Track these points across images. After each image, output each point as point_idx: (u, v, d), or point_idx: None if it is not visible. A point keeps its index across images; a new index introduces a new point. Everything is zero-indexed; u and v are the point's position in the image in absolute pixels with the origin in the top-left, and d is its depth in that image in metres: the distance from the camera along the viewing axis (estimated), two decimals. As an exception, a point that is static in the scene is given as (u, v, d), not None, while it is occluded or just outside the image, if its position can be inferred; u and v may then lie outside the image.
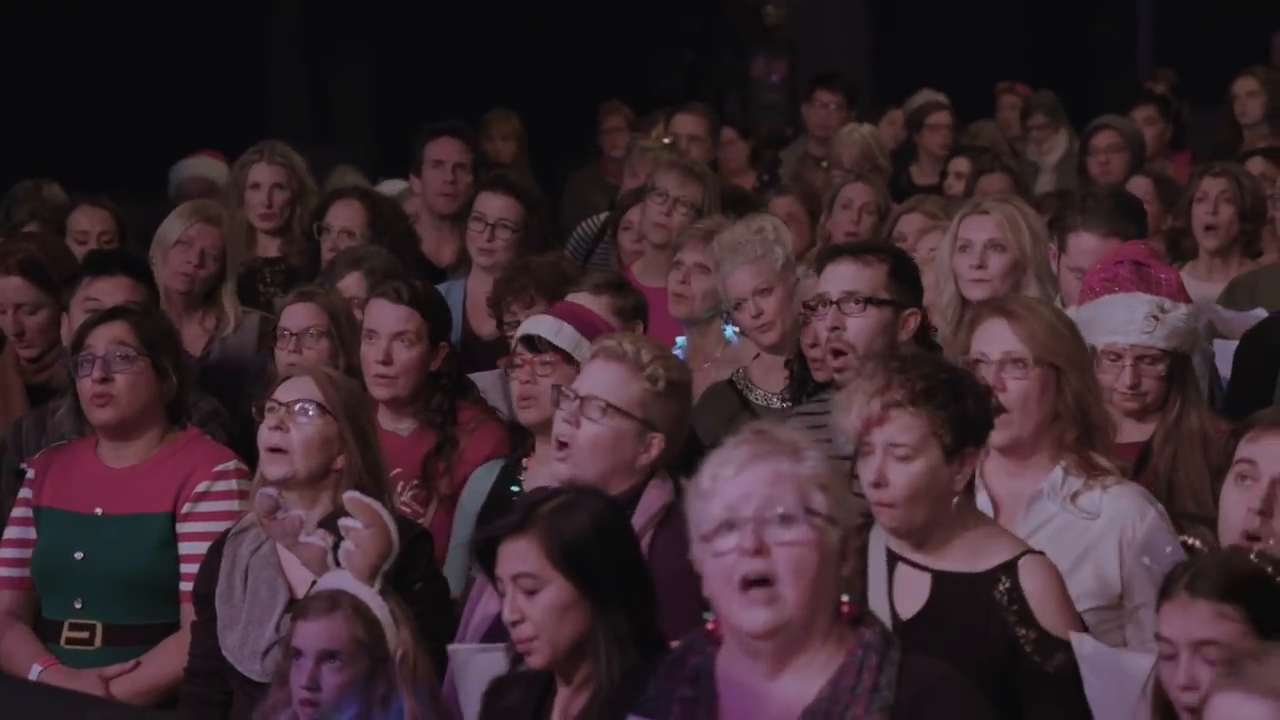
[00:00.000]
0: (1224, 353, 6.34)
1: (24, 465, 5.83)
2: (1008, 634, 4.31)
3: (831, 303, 5.61)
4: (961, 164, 9.84)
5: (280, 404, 5.07)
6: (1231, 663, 3.47)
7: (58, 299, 6.51)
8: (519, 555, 4.15)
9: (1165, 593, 3.89)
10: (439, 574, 5.13)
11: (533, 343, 5.54)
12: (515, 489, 5.44)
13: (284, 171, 8.16)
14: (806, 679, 3.63)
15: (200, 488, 5.53)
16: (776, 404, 6.19)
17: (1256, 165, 8.54)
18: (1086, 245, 6.29)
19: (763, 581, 3.58)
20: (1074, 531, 4.70)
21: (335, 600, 4.53)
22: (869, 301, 5.59)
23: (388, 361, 5.94)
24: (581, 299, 6.06)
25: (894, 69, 14.46)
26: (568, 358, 5.42)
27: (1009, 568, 4.37)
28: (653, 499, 4.84)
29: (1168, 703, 3.88)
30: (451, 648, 4.66)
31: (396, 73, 14.48)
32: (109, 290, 6.06)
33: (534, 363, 5.50)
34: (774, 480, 3.59)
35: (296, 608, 4.60)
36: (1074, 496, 4.71)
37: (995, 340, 4.81)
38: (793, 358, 6.11)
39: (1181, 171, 10.65)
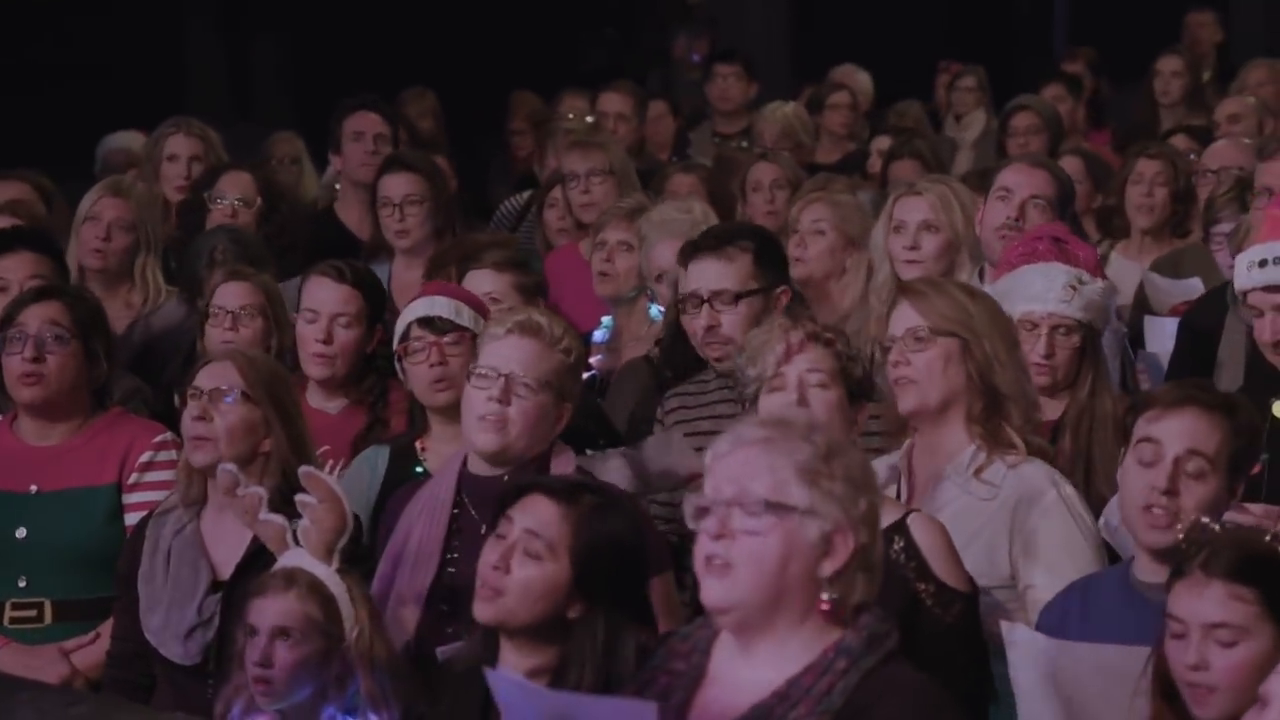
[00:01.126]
0: (1155, 329, 6.39)
1: None
2: (907, 590, 4.38)
3: (703, 301, 5.67)
4: (883, 142, 9.88)
5: (202, 391, 5.03)
6: None
7: None
8: (547, 518, 4.13)
9: (1178, 571, 3.84)
10: None
11: (433, 325, 5.50)
12: (420, 469, 5.41)
13: (201, 144, 8.16)
14: (775, 670, 3.60)
15: (144, 458, 5.50)
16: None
17: (1181, 142, 8.62)
18: (1013, 173, 6.35)
19: (723, 563, 3.57)
20: (970, 512, 4.72)
21: (291, 577, 4.51)
22: (739, 296, 5.66)
23: (328, 341, 5.93)
24: (484, 275, 6.07)
25: (814, 47, 14.48)
26: (474, 336, 5.37)
27: (899, 527, 4.46)
28: (562, 466, 4.90)
29: (1169, 686, 3.83)
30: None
31: (317, 50, 14.39)
32: (13, 268, 5.99)
33: (441, 344, 5.46)
34: (751, 469, 3.57)
35: (254, 585, 4.57)
36: (977, 471, 4.74)
37: (900, 320, 4.86)
38: (662, 336, 6.13)
39: (1101, 149, 10.73)
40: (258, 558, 4.88)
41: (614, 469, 5.17)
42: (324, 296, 5.96)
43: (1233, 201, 6.90)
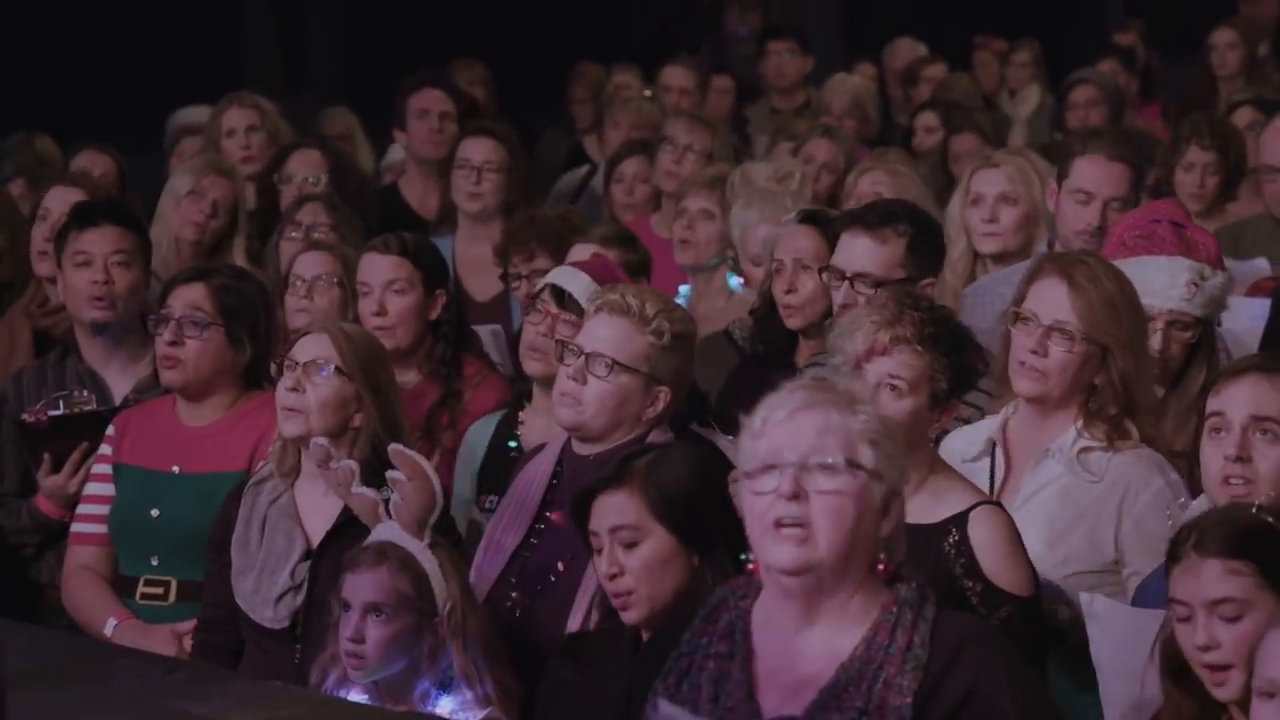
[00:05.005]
0: (1232, 309, 6.35)
1: (24, 416, 5.80)
2: (955, 586, 4.33)
3: (845, 278, 5.52)
4: (930, 119, 9.75)
5: (297, 363, 5.05)
6: None
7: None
8: (617, 508, 4.19)
9: (1173, 556, 3.91)
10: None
11: (561, 297, 5.45)
12: (513, 444, 5.43)
13: (257, 114, 8.21)
14: (840, 632, 3.62)
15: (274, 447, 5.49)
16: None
17: (1245, 115, 8.55)
18: (1092, 170, 6.23)
19: (796, 524, 3.57)
20: (1075, 493, 4.67)
21: (383, 553, 4.55)
22: (881, 283, 5.44)
23: (382, 313, 5.94)
24: (590, 249, 6.04)
25: (866, 21, 14.45)
26: None
27: (960, 519, 4.40)
28: None
29: (1179, 665, 3.89)
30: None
31: (369, 22, 14.40)
32: (96, 241, 6.00)
33: (558, 317, 5.42)
34: (823, 429, 3.59)
35: (347, 559, 4.60)
36: (1081, 453, 4.68)
37: (1049, 304, 4.72)
38: (759, 307, 6.09)
39: (1152, 123, 10.69)
40: (348, 526, 4.92)
41: None
42: (373, 268, 5.98)
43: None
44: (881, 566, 3.63)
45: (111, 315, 5.92)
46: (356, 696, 4.53)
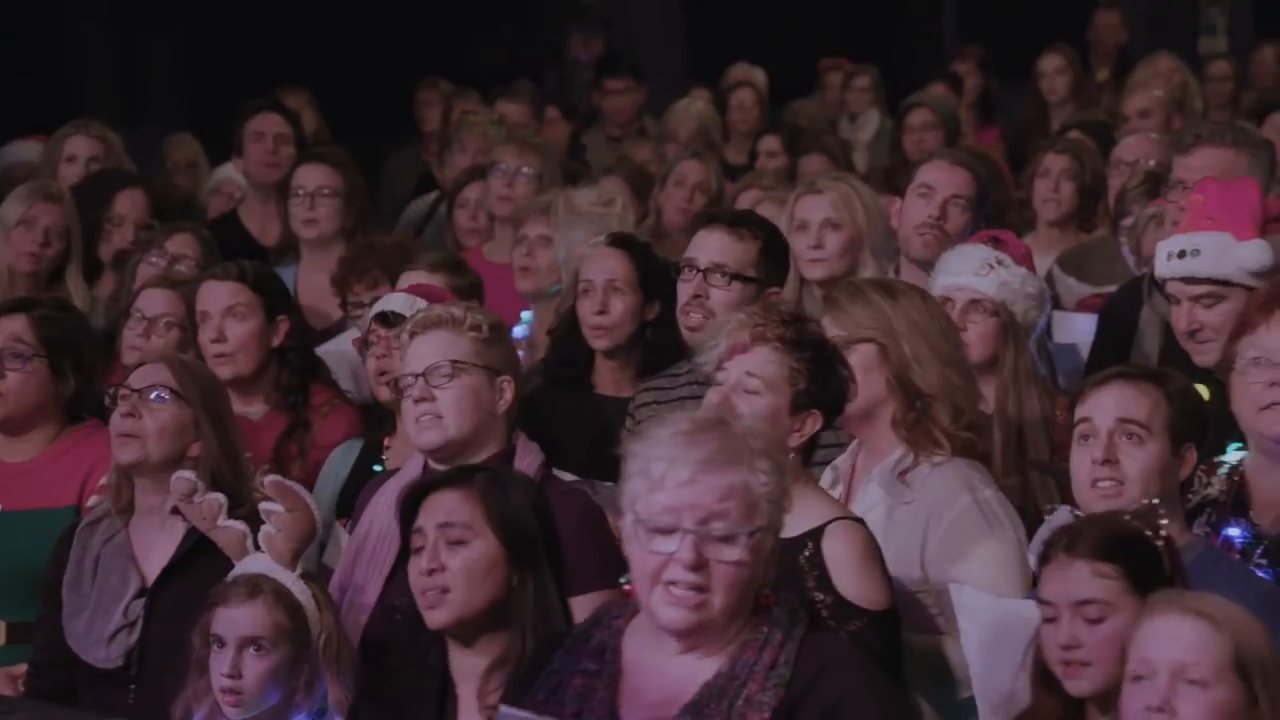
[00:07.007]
0: (1062, 324, 6.49)
1: None
2: (805, 599, 4.35)
3: (699, 271, 5.66)
4: (771, 142, 9.86)
5: (133, 390, 5.02)
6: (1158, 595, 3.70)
7: None
8: (451, 506, 4.18)
9: (1045, 557, 3.99)
10: None
11: (388, 320, 5.54)
12: (378, 468, 5.44)
13: (101, 146, 8.10)
14: (710, 658, 3.68)
15: (105, 480, 5.38)
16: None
17: (1075, 138, 8.70)
18: (935, 171, 6.41)
19: (692, 589, 3.61)
20: (892, 515, 4.72)
21: (257, 585, 4.50)
22: (734, 277, 5.65)
23: (221, 339, 5.92)
24: (418, 277, 6.06)
25: (708, 47, 14.54)
26: None
27: (816, 534, 4.45)
28: (527, 463, 4.88)
29: (1047, 670, 3.97)
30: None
31: (210, 51, 14.29)
32: None
33: (389, 339, 5.49)
34: (725, 493, 3.62)
35: (215, 594, 4.55)
36: (902, 474, 4.74)
37: (828, 326, 4.84)
38: (557, 327, 6.12)
39: (991, 146, 10.86)
40: (186, 562, 4.89)
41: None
42: (212, 296, 5.97)
43: (1143, 195, 6.97)
44: (766, 599, 3.71)
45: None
46: (231, 732, 4.50)
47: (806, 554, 4.41)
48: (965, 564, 4.60)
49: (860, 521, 4.54)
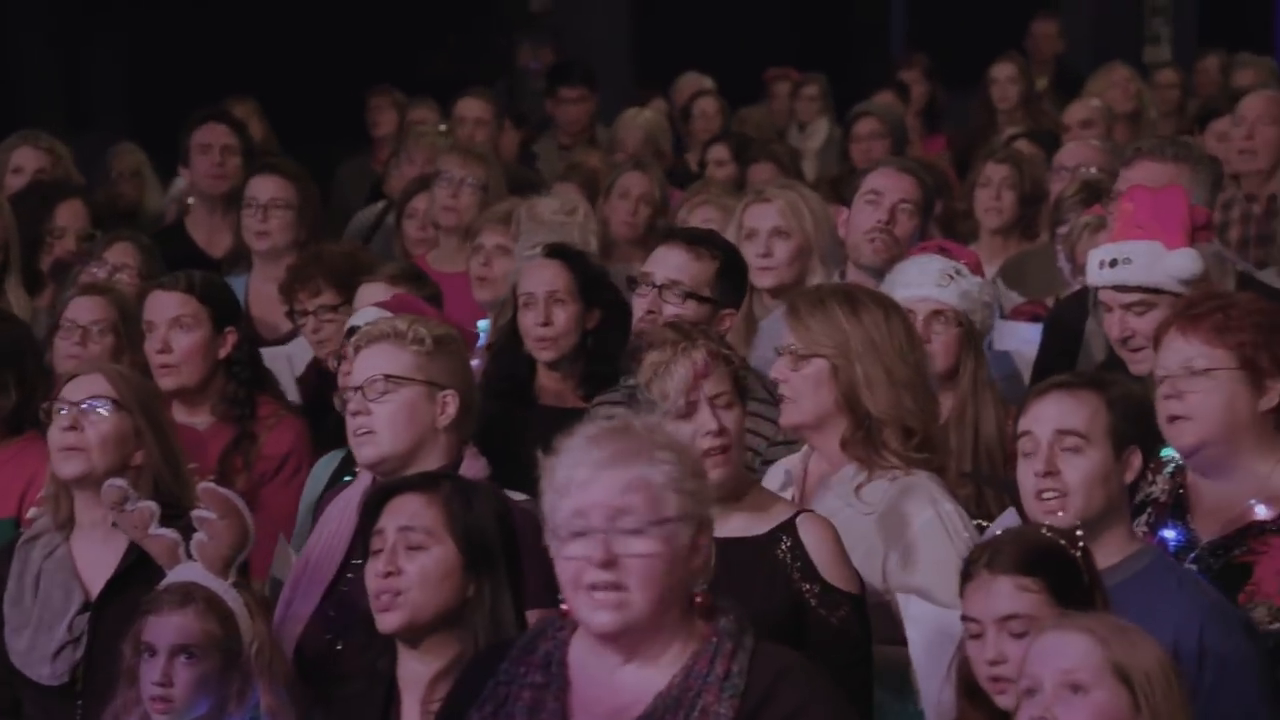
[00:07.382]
0: (1003, 332, 6.51)
1: None
2: (793, 590, 4.41)
3: (654, 286, 5.67)
4: (719, 151, 9.87)
5: (70, 403, 4.98)
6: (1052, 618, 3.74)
7: None
8: (413, 510, 4.18)
9: (966, 574, 4.02)
10: None
11: (351, 335, 5.42)
12: (349, 479, 5.41)
13: (48, 158, 8.04)
14: (659, 668, 3.67)
15: (43, 494, 5.34)
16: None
17: (1024, 148, 8.76)
18: (882, 178, 6.44)
19: (611, 588, 3.60)
20: (851, 525, 4.71)
21: (188, 593, 4.47)
22: (689, 295, 5.65)
23: (166, 350, 5.89)
24: (377, 289, 6.03)
25: (655, 55, 14.56)
26: None
27: (788, 527, 4.48)
28: (473, 474, 4.85)
29: (972, 683, 4.00)
30: None
31: (155, 59, 14.23)
32: None
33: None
34: (626, 487, 3.60)
35: (146, 602, 4.52)
36: (858, 488, 4.76)
37: (784, 335, 4.86)
38: (497, 340, 6.11)
39: (937, 154, 10.91)
40: (129, 575, 4.86)
41: None
42: (158, 306, 5.95)
43: (1079, 204, 7.02)
44: (699, 599, 3.68)
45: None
46: (160, 741, 4.47)
47: (785, 545, 4.45)
48: (925, 576, 4.63)
49: (819, 514, 4.58)
